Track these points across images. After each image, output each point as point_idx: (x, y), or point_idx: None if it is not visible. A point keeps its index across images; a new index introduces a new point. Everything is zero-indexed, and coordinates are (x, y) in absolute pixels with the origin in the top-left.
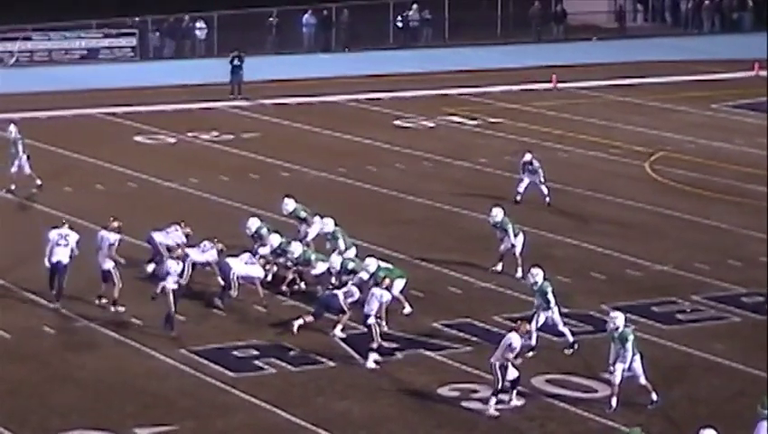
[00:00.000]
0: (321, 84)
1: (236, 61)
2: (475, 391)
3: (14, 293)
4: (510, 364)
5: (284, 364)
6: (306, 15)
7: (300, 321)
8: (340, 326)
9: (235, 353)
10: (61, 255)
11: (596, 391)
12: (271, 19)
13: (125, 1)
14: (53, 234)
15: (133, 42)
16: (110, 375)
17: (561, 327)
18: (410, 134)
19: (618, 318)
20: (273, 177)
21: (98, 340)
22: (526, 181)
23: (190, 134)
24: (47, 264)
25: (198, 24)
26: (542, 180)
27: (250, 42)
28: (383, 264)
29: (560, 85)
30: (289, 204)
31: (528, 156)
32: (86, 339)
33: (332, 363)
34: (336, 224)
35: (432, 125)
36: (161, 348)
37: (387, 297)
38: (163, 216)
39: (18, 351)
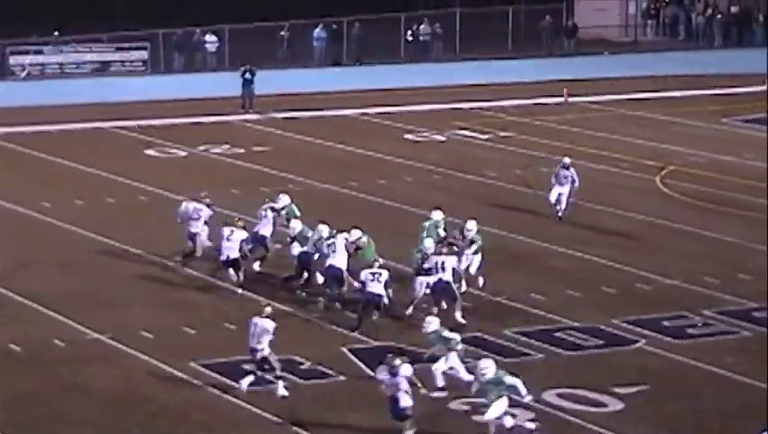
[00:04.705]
0: (331, 98)
1: (247, 75)
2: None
3: (24, 305)
4: (400, 394)
5: (294, 378)
6: (317, 29)
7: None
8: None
9: (246, 366)
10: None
11: (606, 406)
12: (282, 33)
13: (136, 14)
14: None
15: (144, 55)
16: (120, 387)
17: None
18: (420, 147)
19: (489, 368)
20: (283, 190)
21: (108, 352)
22: (556, 192)
23: (201, 147)
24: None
25: (209, 38)
26: (572, 192)
27: (261, 55)
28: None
29: (571, 99)
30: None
31: (567, 160)
32: (96, 351)
33: (342, 377)
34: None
35: (442, 138)
36: (170, 361)
37: (270, 326)
38: (173, 229)
39: (28, 362)
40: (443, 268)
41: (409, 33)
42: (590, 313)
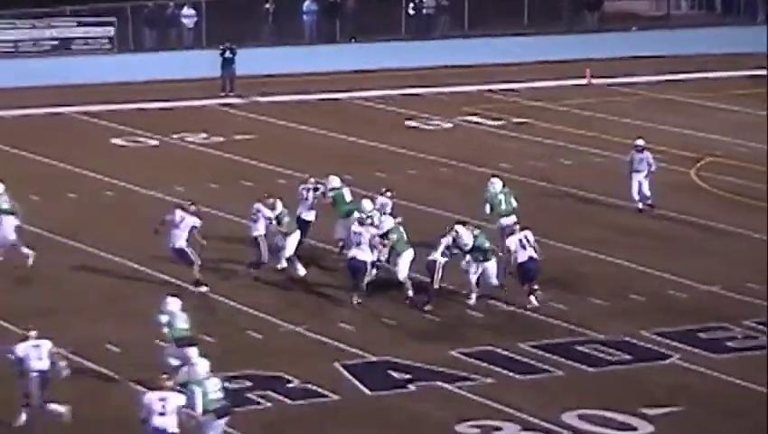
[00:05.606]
0: (323, 80)
1: (227, 54)
2: (498, 429)
3: None
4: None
5: (281, 398)
6: (307, 2)
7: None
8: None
9: (226, 384)
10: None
11: (635, 429)
12: (267, 5)
13: None
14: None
15: (110, 31)
16: (88, 408)
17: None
18: (425, 136)
19: (203, 364)
20: (269, 184)
21: (74, 369)
22: (636, 181)
23: (175, 135)
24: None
25: (185, 11)
26: (649, 173)
27: (244, 31)
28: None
29: (595, 81)
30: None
31: (640, 142)
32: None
33: (335, 396)
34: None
35: (449, 126)
36: (140, 378)
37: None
38: (144, 229)
39: None
40: (529, 244)
41: (411, 5)
42: (617, 324)
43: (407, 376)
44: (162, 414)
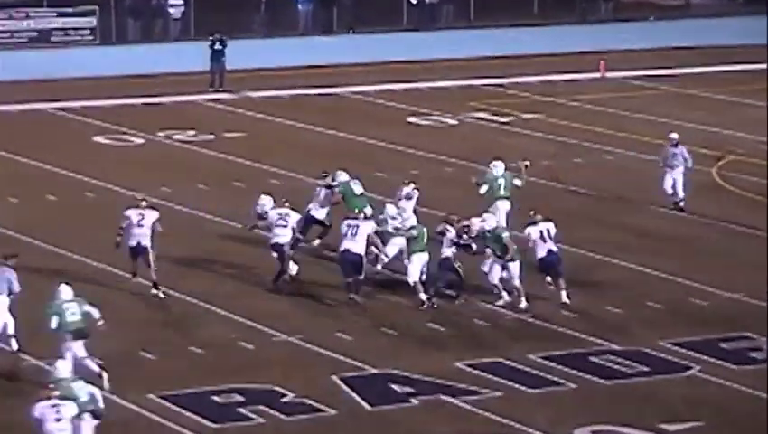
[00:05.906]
0: (320, 73)
1: (217, 46)
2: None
3: None
4: None
5: (275, 413)
6: None
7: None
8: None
9: (215, 398)
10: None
11: None
12: None
13: None
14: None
15: (92, 22)
16: None
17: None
18: (428, 133)
19: (62, 368)
20: (261, 185)
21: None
22: (669, 177)
23: (161, 133)
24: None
25: (171, 1)
26: (686, 171)
27: (234, 22)
28: None
29: (610, 74)
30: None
31: (674, 136)
32: (35, 382)
33: (333, 411)
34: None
35: (454, 122)
36: (124, 392)
37: None
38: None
39: None
40: (549, 236)
41: None
42: (633, 333)
43: (410, 389)
44: (58, 420)
